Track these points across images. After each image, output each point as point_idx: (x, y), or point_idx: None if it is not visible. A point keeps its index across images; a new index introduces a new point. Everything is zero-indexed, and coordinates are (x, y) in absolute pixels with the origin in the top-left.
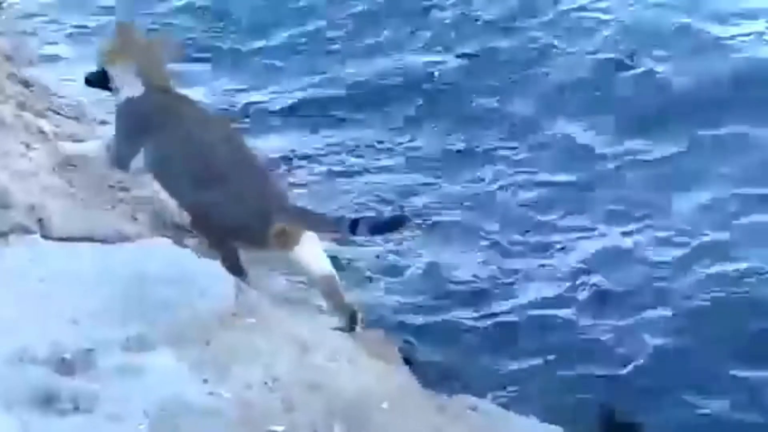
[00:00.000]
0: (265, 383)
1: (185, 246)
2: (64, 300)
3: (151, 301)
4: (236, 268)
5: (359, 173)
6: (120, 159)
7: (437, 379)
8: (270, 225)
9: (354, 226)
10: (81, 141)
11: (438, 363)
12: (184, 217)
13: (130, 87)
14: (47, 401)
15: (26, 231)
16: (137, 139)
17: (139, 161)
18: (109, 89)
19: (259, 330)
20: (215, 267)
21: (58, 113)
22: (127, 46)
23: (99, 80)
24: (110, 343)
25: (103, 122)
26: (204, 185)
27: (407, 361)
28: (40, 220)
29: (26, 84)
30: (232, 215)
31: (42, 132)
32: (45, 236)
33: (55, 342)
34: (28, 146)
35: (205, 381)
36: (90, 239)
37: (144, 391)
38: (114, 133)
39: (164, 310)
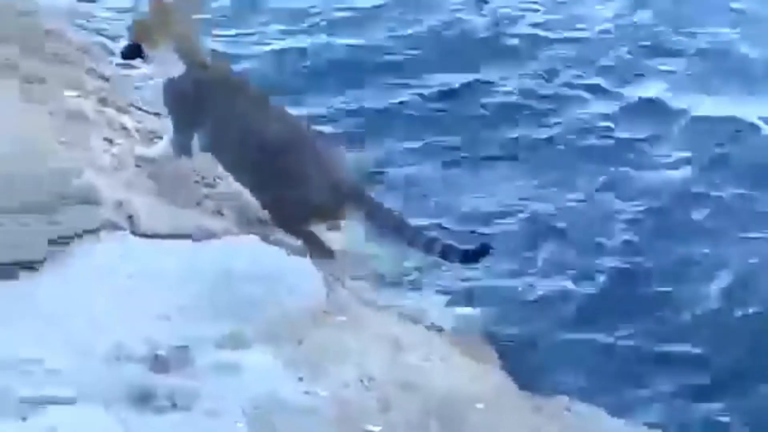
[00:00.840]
0: (361, 382)
1: (272, 242)
2: (153, 297)
3: (240, 298)
4: (321, 248)
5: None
6: (181, 147)
7: (533, 379)
8: (344, 201)
9: (445, 251)
10: (160, 138)
11: (534, 364)
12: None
13: (170, 65)
14: (145, 399)
15: (115, 227)
16: (190, 123)
17: (196, 145)
18: (144, 61)
19: (350, 328)
20: (304, 264)
21: (140, 109)
22: (162, 20)
23: (134, 54)
24: (204, 340)
25: None
26: (270, 165)
27: (502, 362)
28: (130, 217)
29: (106, 79)
30: (305, 193)
31: (124, 128)
32: (133, 233)
33: (148, 339)
34: (111, 142)
35: (301, 379)
36: (176, 236)
37: (240, 389)
38: (168, 116)
39: (254, 308)
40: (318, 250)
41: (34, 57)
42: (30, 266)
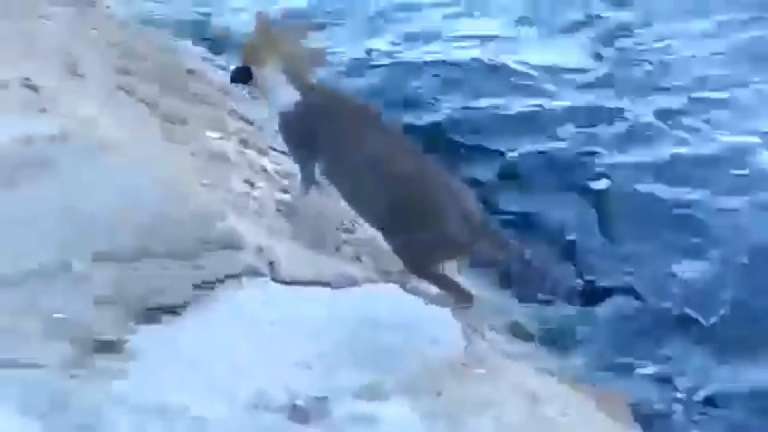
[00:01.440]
0: None
1: (410, 291)
2: (293, 344)
3: (379, 347)
4: (460, 291)
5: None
6: (306, 179)
7: None
8: (476, 235)
9: (569, 294)
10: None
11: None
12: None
13: (281, 91)
14: None
15: (257, 273)
16: (308, 151)
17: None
18: (253, 85)
19: (488, 381)
20: (443, 314)
21: (280, 151)
22: (266, 39)
23: (243, 76)
24: (342, 390)
25: None
26: (395, 195)
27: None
28: (271, 263)
29: (247, 120)
30: (434, 225)
31: (265, 170)
32: (274, 279)
33: (288, 388)
34: (252, 185)
35: None
36: (316, 283)
37: None
38: (287, 149)
39: (394, 357)
40: (456, 294)
41: (176, 96)
42: (173, 311)
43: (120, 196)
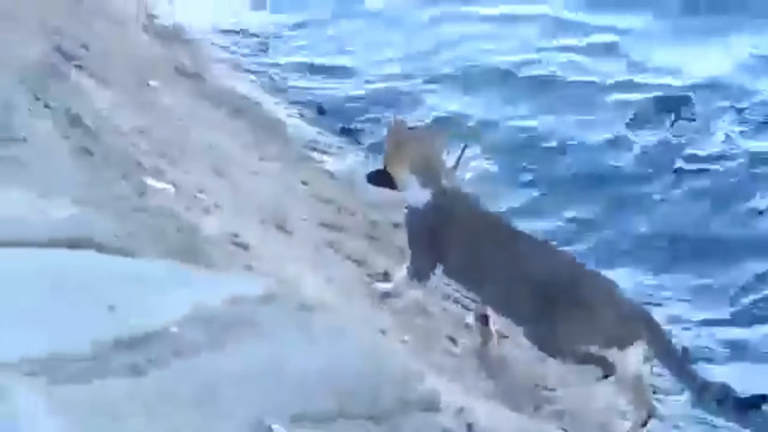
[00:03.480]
0: None
1: None
2: None
3: None
4: (602, 361)
5: None
6: (418, 274)
7: None
8: (633, 324)
9: (721, 398)
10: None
11: None
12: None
13: (414, 192)
14: None
15: None
16: (431, 251)
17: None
18: (392, 188)
19: None
20: None
21: None
22: (404, 145)
23: (380, 180)
24: None
25: None
26: (549, 296)
27: None
28: (469, 426)
29: None
30: (592, 317)
31: (467, 326)
32: None
33: None
34: (453, 341)
35: None
36: None
37: None
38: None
39: None
40: (600, 364)
41: (382, 252)
42: None
43: (322, 358)
